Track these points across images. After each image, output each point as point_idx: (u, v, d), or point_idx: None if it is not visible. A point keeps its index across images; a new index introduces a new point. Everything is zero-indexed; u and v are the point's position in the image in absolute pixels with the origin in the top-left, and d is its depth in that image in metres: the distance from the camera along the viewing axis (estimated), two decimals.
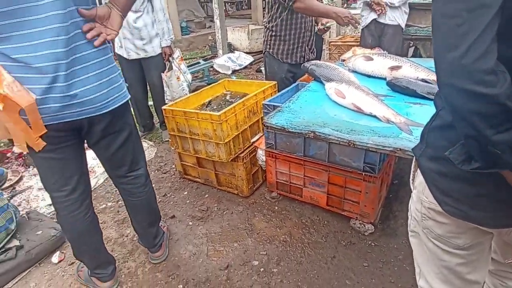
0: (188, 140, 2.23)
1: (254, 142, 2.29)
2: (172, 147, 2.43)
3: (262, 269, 1.69)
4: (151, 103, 3.36)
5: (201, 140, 2.15)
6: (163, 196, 2.36)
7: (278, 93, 2.21)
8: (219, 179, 2.35)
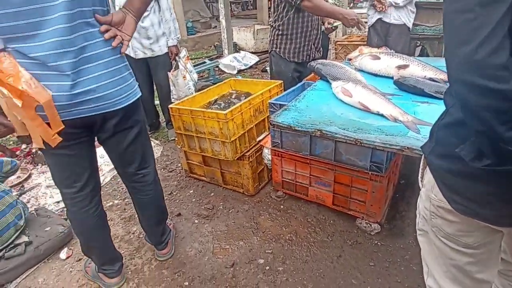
0: (194, 139, 2.24)
1: (260, 141, 2.29)
2: (178, 145, 2.44)
3: (268, 268, 1.69)
4: (157, 102, 3.38)
5: (207, 139, 2.16)
6: (169, 194, 2.38)
7: (284, 92, 2.21)
8: (225, 178, 2.36)
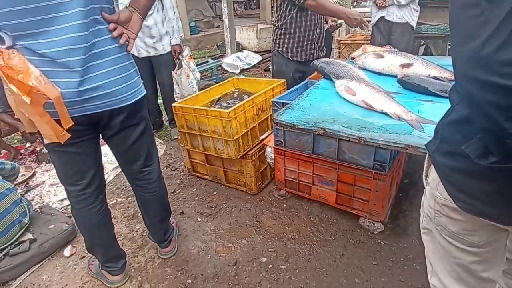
0: (197, 137, 2.24)
1: (263, 139, 2.29)
2: (181, 144, 2.45)
3: (271, 266, 1.69)
4: (160, 101, 3.39)
5: (210, 137, 2.16)
6: (172, 193, 2.38)
7: (287, 90, 2.20)
8: (228, 177, 2.36)
